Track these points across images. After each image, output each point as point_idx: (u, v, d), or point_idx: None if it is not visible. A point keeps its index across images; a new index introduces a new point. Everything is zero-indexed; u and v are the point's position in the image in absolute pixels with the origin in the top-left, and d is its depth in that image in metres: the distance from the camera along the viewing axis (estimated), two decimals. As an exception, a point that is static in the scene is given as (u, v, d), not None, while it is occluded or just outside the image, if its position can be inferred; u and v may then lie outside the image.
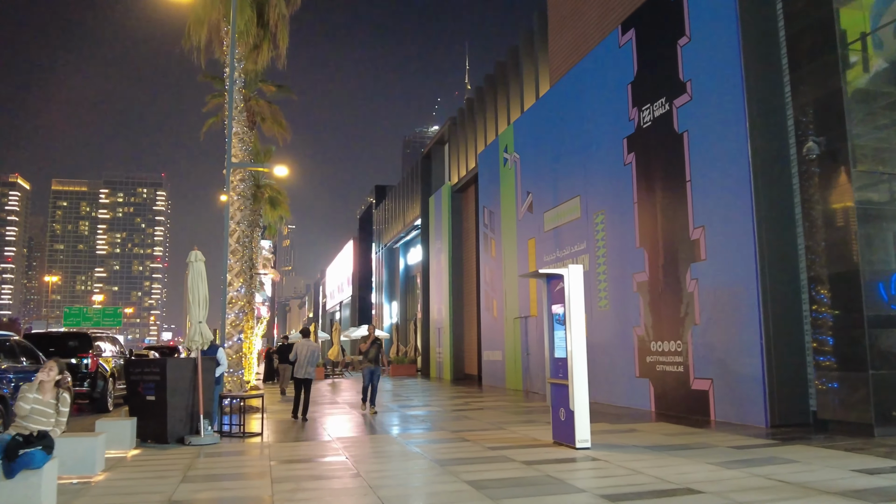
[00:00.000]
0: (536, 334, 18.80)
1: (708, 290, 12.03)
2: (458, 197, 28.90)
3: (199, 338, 10.12)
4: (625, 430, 10.66)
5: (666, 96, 13.45)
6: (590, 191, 16.20)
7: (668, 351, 13.05)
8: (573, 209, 16.92)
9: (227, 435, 10.98)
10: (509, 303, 21.05)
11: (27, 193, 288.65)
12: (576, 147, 16.98)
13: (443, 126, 30.40)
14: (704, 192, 12.27)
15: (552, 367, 9.33)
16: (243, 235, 15.95)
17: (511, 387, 20.64)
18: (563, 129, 17.82)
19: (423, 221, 33.26)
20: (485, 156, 24.06)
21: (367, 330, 14.12)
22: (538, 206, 19.05)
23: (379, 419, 13.23)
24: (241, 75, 16.36)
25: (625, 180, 14.68)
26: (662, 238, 13.40)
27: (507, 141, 21.66)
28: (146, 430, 10.29)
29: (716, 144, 12.09)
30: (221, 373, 10.88)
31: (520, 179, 20.48)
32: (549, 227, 18.20)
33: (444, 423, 12.06)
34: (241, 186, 15.99)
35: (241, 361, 15.47)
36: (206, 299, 10.29)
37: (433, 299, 31.33)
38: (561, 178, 17.72)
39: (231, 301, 15.52)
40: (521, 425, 11.39)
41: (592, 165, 16.15)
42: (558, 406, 9.08)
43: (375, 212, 49.41)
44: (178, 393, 10.10)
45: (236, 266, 15.69)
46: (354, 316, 55.49)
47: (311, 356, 14.09)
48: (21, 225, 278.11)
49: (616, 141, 15.05)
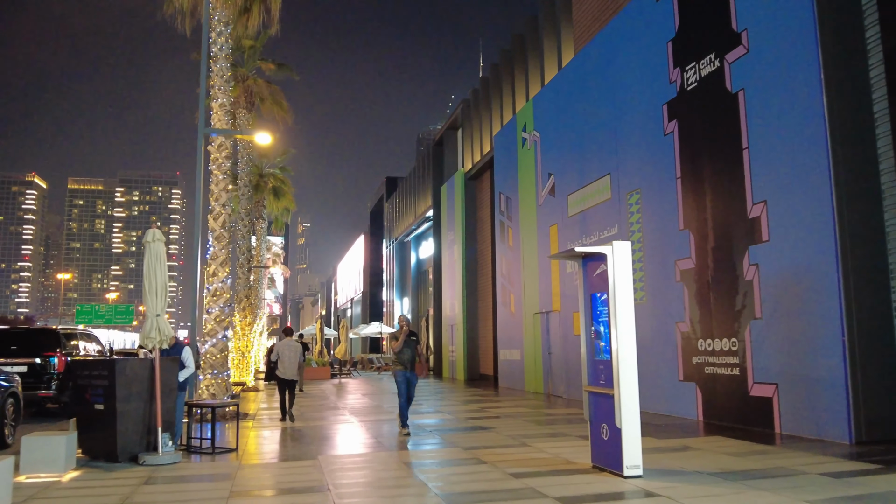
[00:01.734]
0: (560, 332, 16.84)
1: (772, 278, 10.05)
2: (471, 184, 26.96)
3: (156, 334, 8.30)
4: (676, 447, 8.71)
5: (715, 51, 11.47)
6: (622, 168, 14.23)
7: (719, 350, 11.08)
8: (602, 190, 14.95)
9: (196, 450, 9.16)
10: (528, 297, 19.11)
11: (44, 192, 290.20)
12: (605, 119, 15.00)
13: (455, 109, 28.46)
14: (766, 161, 10.29)
15: (591, 372, 7.41)
16: (230, 220, 14.12)
17: (531, 389, 18.71)
18: (589, 101, 15.85)
19: (435, 212, 31.37)
20: (501, 137, 22.11)
21: (399, 322, 10.75)
22: (561, 189, 17.09)
23: (382, 429, 11.36)
24: (229, 41, 14.53)
25: (665, 153, 12.70)
26: (713, 217, 11.42)
27: (525, 119, 19.71)
28: (95, 445, 8.51)
29: (780, 103, 10.10)
30: (188, 376, 9.04)
31: (540, 160, 18.52)
32: (575, 212, 16.23)
33: (457, 436, 10.17)
34: (227, 164, 14.16)
35: (225, 362, 13.65)
36: (166, 287, 8.46)
37: (446, 294, 29.45)
38: (588, 155, 15.75)
39: (215, 293, 13.72)
40: (548, 440, 9.46)
41: (625, 139, 14.17)
42: (599, 421, 7.15)
43: (386, 205, 47.60)
44: (132, 401, 8.28)
45: (221, 254, 13.87)
46: (365, 313, 53.78)
47: (296, 356, 13.28)
48: (38, 223, 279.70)
49: (654, 108, 13.07)
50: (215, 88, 14.31)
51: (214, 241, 13.95)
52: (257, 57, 22.95)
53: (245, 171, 22.86)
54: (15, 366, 12.87)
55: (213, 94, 14.32)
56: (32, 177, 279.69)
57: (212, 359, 13.49)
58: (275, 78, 23.88)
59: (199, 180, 9.90)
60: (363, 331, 39.49)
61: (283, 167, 32.43)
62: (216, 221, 14.00)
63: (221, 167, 14.09)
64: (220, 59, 14.43)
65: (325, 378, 28.92)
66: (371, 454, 8.75)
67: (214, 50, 14.38)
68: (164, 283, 8.47)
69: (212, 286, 13.79)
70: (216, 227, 13.98)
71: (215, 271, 13.85)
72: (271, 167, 32.16)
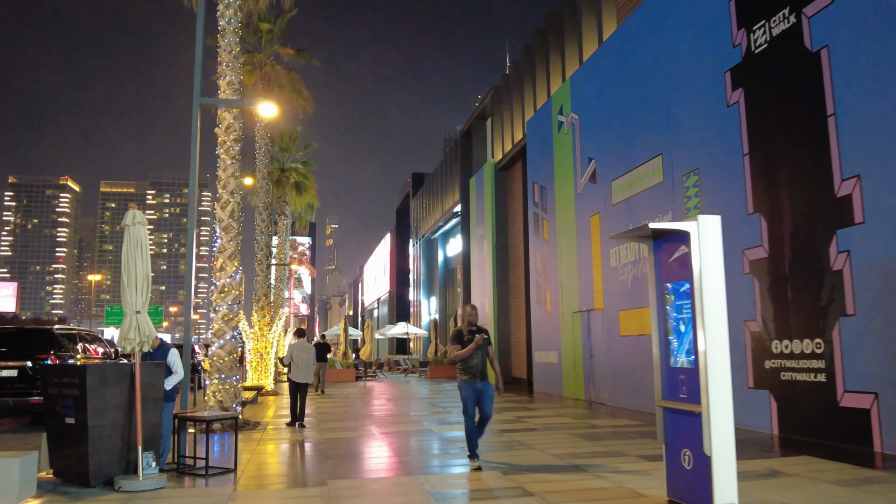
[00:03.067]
0: (603, 332, 15.26)
1: (867, 266, 8.41)
2: (502, 176, 25.42)
3: (135, 335, 6.97)
4: (762, 471, 7.13)
5: (790, 5, 9.85)
6: (676, 147, 12.62)
7: (799, 353, 9.44)
8: (653, 172, 13.34)
9: (188, 470, 7.82)
10: (567, 294, 17.53)
11: (77, 195, 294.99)
12: (655, 94, 13.40)
13: (484, 97, 26.94)
14: (858, 129, 8.65)
15: (667, 383, 5.88)
16: (239, 209, 12.83)
17: (570, 395, 17.14)
18: (636, 75, 14.25)
19: (464, 207, 29.89)
20: (535, 123, 20.56)
21: (462, 315, 8.25)
22: (603, 175, 15.50)
23: (408, 444, 9.94)
24: (238, 14, 13.24)
25: (729, 126, 11.08)
26: (790, 198, 9.79)
27: (562, 101, 18.14)
28: (66, 466, 7.22)
29: (874, 59, 8.47)
30: (176, 384, 7.70)
31: (579, 145, 16.94)
32: (620, 199, 14.64)
33: (493, 453, 8.69)
34: (236, 148, 12.86)
35: (234, 365, 12.35)
36: (148, 279, 7.13)
37: (475, 293, 27.94)
38: (634, 135, 14.15)
39: (223, 290, 12.44)
40: (603, 461, 7.93)
41: (679, 114, 12.56)
42: (680, 445, 5.62)
43: (413, 202, 46.24)
44: (107, 414, 6.96)
45: (229, 247, 12.58)
46: (392, 313, 52.53)
47: (309, 358, 12.37)
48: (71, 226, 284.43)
49: (714, 76, 11.45)
50: (223, 65, 13.02)
51: (222, 231, 12.68)
52: (275, 42, 21.72)
53: (263, 162, 21.64)
54: (4, 370, 11.71)
55: (220, 71, 13.03)
56: (66, 180, 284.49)
57: (219, 362, 12.20)
58: (294, 65, 22.65)
59: (195, 159, 8.59)
60: (389, 331, 38.16)
61: (306, 161, 31.22)
62: (224, 211, 12.71)
63: (230, 151, 12.80)
64: (229, 34, 13.15)
65: (349, 380, 27.64)
66: (391, 480, 7.31)
67: (222, 23, 13.10)
68: (145, 274, 7.13)
69: (219, 282, 12.51)
70: (224, 216, 12.70)
71: (223, 265, 12.56)
72: (293, 161, 30.99)
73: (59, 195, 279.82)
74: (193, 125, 8.82)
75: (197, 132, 8.84)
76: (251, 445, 9.98)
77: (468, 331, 7.81)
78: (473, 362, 7.68)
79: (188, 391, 9.60)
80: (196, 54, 8.70)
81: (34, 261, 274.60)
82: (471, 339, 7.65)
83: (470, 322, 7.88)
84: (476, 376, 7.69)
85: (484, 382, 7.73)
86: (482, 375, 7.75)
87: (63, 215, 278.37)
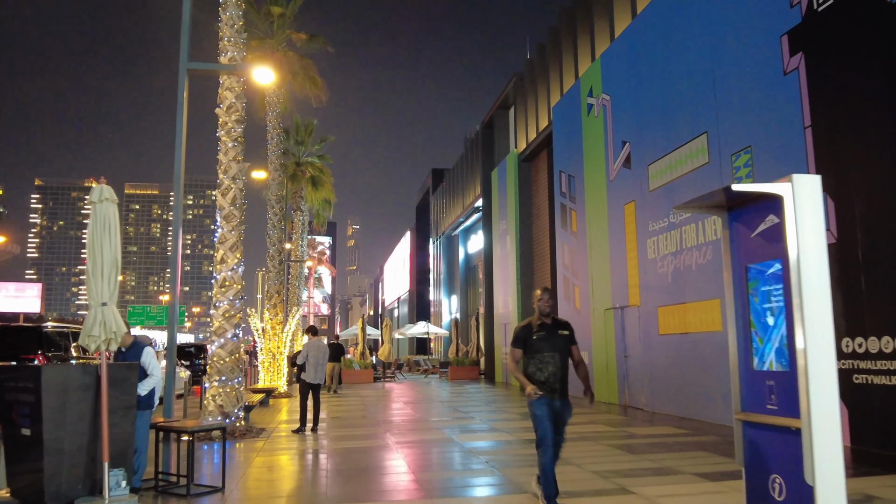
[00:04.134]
0: (639, 330, 13.98)
1: (969, 252, 7.08)
2: (525, 167, 24.16)
3: (99, 331, 5.89)
4: (856, 496, 5.86)
5: (864, -47, 8.54)
6: (724, 123, 11.33)
7: (876, 352, 8.13)
8: (697, 153, 12.06)
9: (168, 489, 6.74)
10: (598, 290, 16.27)
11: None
12: (698, 66, 12.12)
13: (506, 85, 25.68)
14: (956, 88, 7.32)
15: (748, 390, 4.65)
16: (241, 196, 11.78)
17: (602, 399, 15.86)
18: (675, 47, 12.98)
19: (485, 201, 28.68)
20: (561, 108, 19.30)
21: (538, 302, 5.64)
22: (639, 159, 14.23)
23: (427, 457, 8.80)
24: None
25: (787, 96, 9.78)
26: (862, 175, 8.48)
27: (591, 82, 16.88)
28: (22, 484, 6.15)
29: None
30: (153, 388, 6.61)
31: (611, 128, 15.67)
32: (658, 184, 13.36)
33: (524, 471, 7.51)
34: (239, 129, 11.83)
35: (236, 366, 11.29)
36: (117, 266, 6.05)
37: (498, 290, 26.73)
38: (675, 113, 12.87)
39: (223, 284, 11.40)
40: (654, 480, 6.71)
41: (727, 87, 11.27)
42: (767, 469, 4.40)
43: (433, 198, 45.10)
44: (66, 424, 5.89)
45: (230, 237, 11.55)
46: (412, 312, 51.47)
47: (324, 358, 11.50)
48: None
49: (768, 42, 10.16)
50: (224, 40, 12.03)
51: (223, 220, 11.65)
52: (287, 27, 20.73)
53: (275, 153, 20.64)
54: (-14, 371, 10.76)
55: (222, 47, 12.05)
56: (91, 183, 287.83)
57: (219, 363, 11.17)
58: (307, 51, 21.65)
59: (180, 134, 7.53)
60: (409, 331, 37.05)
61: (322, 155, 30.28)
62: (224, 198, 11.68)
63: (231, 133, 11.78)
64: (231, 6, 12.15)
65: (367, 382, 26.58)
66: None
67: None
68: (113, 259, 6.05)
69: (219, 275, 11.48)
70: (224, 204, 11.67)
71: (224, 257, 11.53)
72: (309, 155, 30.04)
73: (85, 197, 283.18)
74: (179, 94, 7.76)
75: (184, 102, 7.77)
76: (251, 457, 8.91)
77: (538, 325, 5.54)
78: (548, 371, 5.42)
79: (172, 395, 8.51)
80: (184, 12, 7.63)
81: (60, 262, 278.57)
82: (543, 338, 5.48)
83: (542, 313, 5.56)
84: (553, 391, 5.42)
85: (564, 400, 5.52)
86: (561, 391, 5.48)
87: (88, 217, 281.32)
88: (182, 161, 7.70)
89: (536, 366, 5.46)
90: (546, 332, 5.52)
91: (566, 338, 5.57)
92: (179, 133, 7.69)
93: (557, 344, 5.50)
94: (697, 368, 11.74)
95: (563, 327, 5.64)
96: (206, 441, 10.18)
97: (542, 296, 5.59)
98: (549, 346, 5.47)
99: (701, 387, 11.57)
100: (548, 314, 5.58)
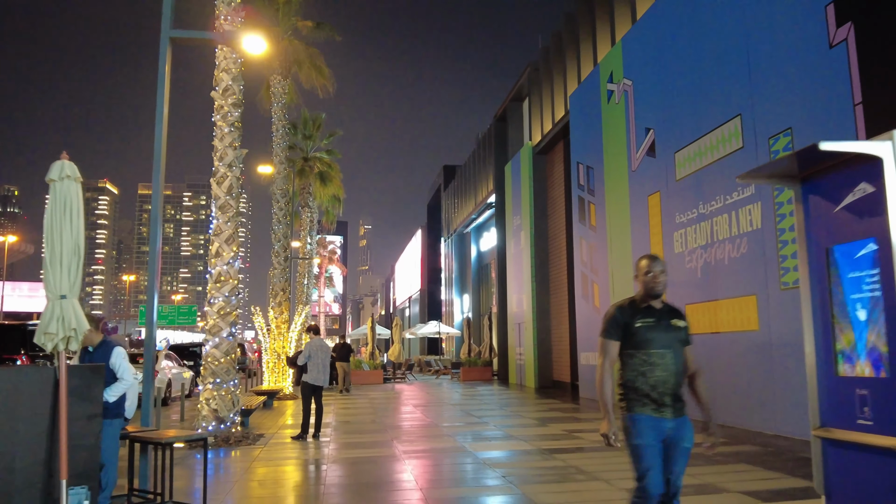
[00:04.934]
0: (664, 329, 13.05)
1: None
2: (540, 160, 23.25)
3: (57, 327, 5.10)
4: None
5: None
6: (760, 104, 10.40)
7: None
8: (729, 137, 11.14)
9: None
10: (619, 287, 15.36)
11: (115, 198, 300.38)
12: (730, 42, 11.20)
13: (520, 76, 24.77)
14: None
15: (830, 401, 3.78)
16: (238, 185, 11.01)
17: (623, 402, 14.94)
18: (704, 23, 12.06)
19: (498, 197, 27.80)
20: (579, 96, 18.39)
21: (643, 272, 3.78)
22: (664, 146, 13.32)
23: (437, 471, 7.97)
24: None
25: (833, 71, 8.85)
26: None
27: (611, 67, 15.97)
28: (-28, 504, 5.37)
29: None
30: (122, 394, 5.81)
31: (633, 115, 14.76)
32: (686, 173, 12.45)
33: (544, 488, 6.66)
34: (236, 114, 11.06)
35: (232, 368, 10.51)
36: (79, 254, 5.25)
37: (511, 288, 25.84)
38: (704, 96, 11.95)
39: (218, 279, 10.63)
40: (696, 500, 5.84)
41: (763, 63, 10.34)
42: (858, 498, 3.53)
43: (444, 196, 44.24)
44: (18, 436, 5.10)
45: (226, 228, 10.77)
46: (423, 312, 50.65)
47: (327, 358, 10.74)
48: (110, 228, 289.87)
49: (811, 12, 9.23)
50: (221, 19, 11.24)
51: (218, 211, 10.88)
52: (293, 14, 19.97)
53: (280, 145, 19.89)
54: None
55: (217, 26, 11.26)
56: (105, 183, 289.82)
57: (214, 363, 10.40)
58: (314, 39, 20.89)
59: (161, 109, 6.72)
60: (420, 330, 36.24)
61: (330, 150, 29.50)
62: (220, 187, 10.91)
63: (227, 117, 11.00)
64: (232, -11, 11.36)
65: (376, 382, 25.80)
66: (409, 527, 5.33)
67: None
68: (75, 246, 5.25)
69: (214, 269, 10.71)
70: (220, 193, 10.90)
71: (219, 250, 10.76)
72: (317, 150, 29.28)
73: (98, 198, 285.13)
74: (161, 65, 6.96)
75: (165, 74, 6.97)
76: (243, 467, 8.11)
77: (644, 309, 3.76)
78: (657, 375, 3.71)
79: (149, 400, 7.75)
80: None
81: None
82: (652, 326, 3.70)
83: (650, 293, 3.76)
84: (663, 406, 3.73)
85: (680, 420, 3.79)
86: (675, 404, 3.76)
87: (102, 217, 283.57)
88: (164, 139, 6.90)
89: (638, 367, 3.69)
90: (656, 319, 3.72)
91: (683, 332, 3.81)
92: (160, 108, 6.90)
93: (672, 338, 3.73)
94: (730, 371, 10.82)
95: (679, 316, 3.85)
96: (197, 450, 9.40)
97: (650, 266, 3.74)
98: (660, 339, 3.69)
99: (735, 391, 10.65)
100: (656, 294, 3.73)
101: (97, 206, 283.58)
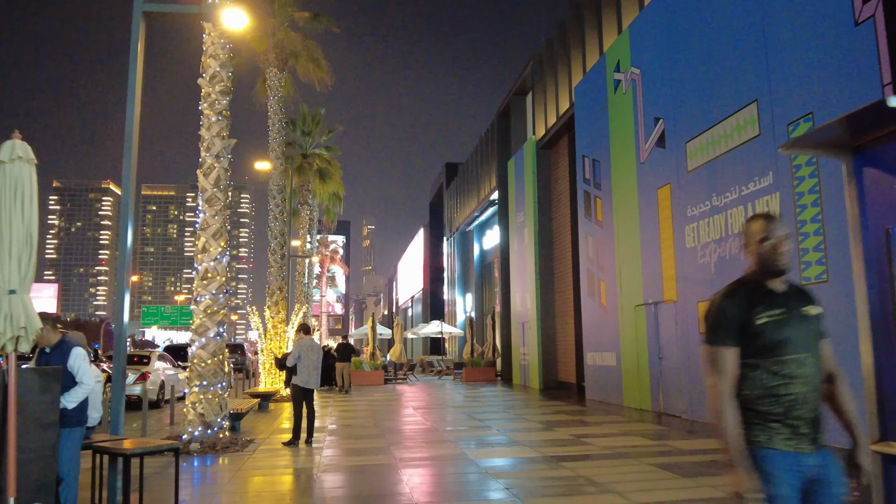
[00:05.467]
0: (676, 329, 12.49)
1: None
2: (544, 154, 22.67)
3: (5, 326, 4.55)
4: None
5: None
6: (778, 88, 9.81)
7: None
8: (745, 125, 10.55)
9: (111, 525, 5.39)
10: (626, 284, 14.78)
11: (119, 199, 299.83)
12: (745, 23, 10.61)
13: (524, 68, 24.19)
14: None
15: (894, 410, 3.19)
16: (226, 176, 10.46)
17: (632, 405, 14.38)
18: (716, 7, 11.48)
19: (501, 193, 27.22)
20: (584, 87, 17.81)
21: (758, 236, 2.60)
22: (675, 136, 12.74)
23: (440, 484, 7.40)
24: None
25: (859, 51, 8.27)
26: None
27: (618, 56, 15.38)
28: (-85, 524, 4.81)
29: None
30: (83, 400, 5.26)
31: (641, 104, 14.18)
32: (698, 164, 11.86)
33: (548, 501, 6.08)
34: (224, 102, 10.51)
35: (220, 370, 9.96)
36: (31, 242, 4.71)
37: (515, 287, 25.26)
38: (717, 81, 11.37)
39: (205, 276, 10.07)
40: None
41: (781, 45, 9.76)
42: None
43: (446, 194, 43.67)
44: (-38, 449, 4.54)
45: (214, 222, 10.23)
46: (426, 311, 50.06)
47: (319, 359, 10.22)
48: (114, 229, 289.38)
49: (836, -11, 8.65)
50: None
51: (205, 204, 10.34)
52: (289, 4, 19.42)
53: (277, 140, 19.34)
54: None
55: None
56: (108, 184, 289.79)
57: (200, 365, 9.85)
58: (311, 31, 20.33)
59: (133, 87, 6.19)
60: (422, 330, 35.67)
61: (330, 146, 29.00)
62: (207, 178, 10.36)
63: (215, 105, 10.45)
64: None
65: (377, 383, 25.23)
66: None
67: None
68: (26, 235, 4.71)
69: (200, 266, 10.16)
70: (207, 186, 10.35)
71: (206, 245, 10.21)
72: (316, 147, 28.75)
73: (102, 199, 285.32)
74: (133, 42, 6.41)
75: (138, 52, 6.42)
76: (227, 477, 7.56)
77: (763, 296, 2.60)
78: (796, 390, 2.49)
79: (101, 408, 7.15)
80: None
81: (78, 263, 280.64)
82: (781, 320, 2.53)
83: (769, 269, 2.62)
84: (801, 434, 2.50)
85: (822, 453, 2.53)
86: (815, 432, 2.53)
87: (105, 218, 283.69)
88: (136, 120, 6.36)
89: (766, 382, 2.51)
90: (785, 308, 2.58)
91: (819, 323, 2.64)
92: (132, 87, 6.35)
93: (810, 334, 2.59)
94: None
95: (810, 300, 2.67)
96: (184, 458, 8.84)
97: (768, 229, 2.62)
98: (796, 339, 2.55)
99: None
100: (783, 272, 2.62)
101: (100, 207, 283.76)
